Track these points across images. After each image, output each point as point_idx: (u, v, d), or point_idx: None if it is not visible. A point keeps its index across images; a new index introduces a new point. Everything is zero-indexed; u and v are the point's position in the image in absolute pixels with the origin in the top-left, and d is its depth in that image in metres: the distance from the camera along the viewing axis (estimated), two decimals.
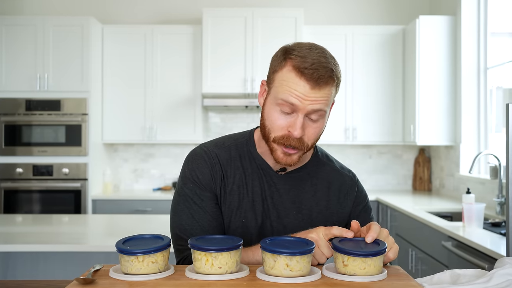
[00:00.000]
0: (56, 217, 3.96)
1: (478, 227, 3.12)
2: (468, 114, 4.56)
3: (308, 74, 1.30)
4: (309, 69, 1.30)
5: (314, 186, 1.51)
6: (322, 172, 1.53)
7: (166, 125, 5.18)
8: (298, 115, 1.33)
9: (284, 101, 1.32)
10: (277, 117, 1.35)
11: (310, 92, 1.30)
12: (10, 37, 4.91)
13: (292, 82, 1.31)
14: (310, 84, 1.30)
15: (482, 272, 1.26)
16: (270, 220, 1.46)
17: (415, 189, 5.42)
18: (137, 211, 4.83)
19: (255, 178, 1.47)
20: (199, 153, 1.48)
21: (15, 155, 4.86)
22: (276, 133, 1.36)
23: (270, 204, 1.46)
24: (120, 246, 1.21)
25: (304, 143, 1.37)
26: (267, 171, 1.48)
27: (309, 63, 1.30)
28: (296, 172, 1.50)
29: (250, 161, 1.48)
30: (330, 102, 1.37)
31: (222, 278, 1.17)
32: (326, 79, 1.31)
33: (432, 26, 4.79)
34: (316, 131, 1.38)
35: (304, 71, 1.30)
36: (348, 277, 1.17)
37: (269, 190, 1.47)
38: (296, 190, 1.49)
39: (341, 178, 1.55)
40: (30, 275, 2.92)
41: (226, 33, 4.93)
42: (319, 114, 1.35)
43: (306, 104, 1.31)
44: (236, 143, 1.52)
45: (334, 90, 1.36)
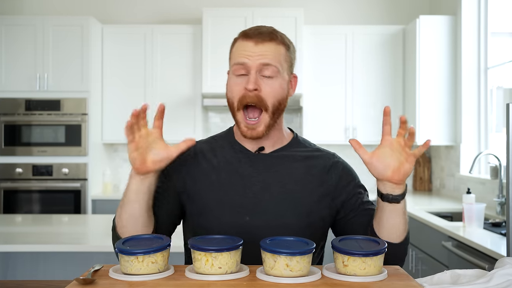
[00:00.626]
0: (56, 217, 3.96)
1: (478, 227, 3.12)
2: (468, 114, 4.56)
3: (251, 33, 1.44)
4: (252, 30, 1.45)
5: (295, 162, 1.52)
6: (303, 152, 1.56)
7: (166, 125, 5.02)
8: (250, 72, 1.42)
9: (236, 64, 1.44)
10: (234, 82, 1.45)
11: (255, 48, 1.42)
12: (10, 37, 4.90)
13: (240, 46, 1.45)
14: (254, 41, 1.42)
15: (483, 272, 1.26)
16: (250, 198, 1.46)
17: (416, 189, 5.41)
18: None
19: (234, 161, 1.51)
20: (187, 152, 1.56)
21: (15, 155, 4.86)
22: (236, 97, 1.44)
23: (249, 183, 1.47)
24: (120, 246, 1.21)
25: (262, 100, 1.42)
26: (245, 153, 1.52)
27: (254, 29, 1.46)
28: (276, 152, 1.52)
29: (230, 148, 1.54)
30: (281, 61, 1.44)
31: (222, 278, 1.17)
32: (268, 34, 1.44)
33: (432, 26, 4.78)
34: (273, 89, 1.43)
35: (248, 32, 1.45)
36: (348, 277, 1.17)
37: (247, 170, 1.49)
38: (276, 167, 1.50)
39: (322, 155, 1.58)
40: (30, 275, 2.92)
41: (226, 33, 4.87)
42: (271, 70, 1.42)
43: (254, 59, 1.41)
44: (217, 136, 1.62)
45: (283, 50, 1.46)
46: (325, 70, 5.17)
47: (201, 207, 1.47)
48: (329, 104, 5.16)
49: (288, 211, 1.45)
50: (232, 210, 1.45)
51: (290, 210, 1.45)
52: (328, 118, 5.16)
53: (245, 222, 1.43)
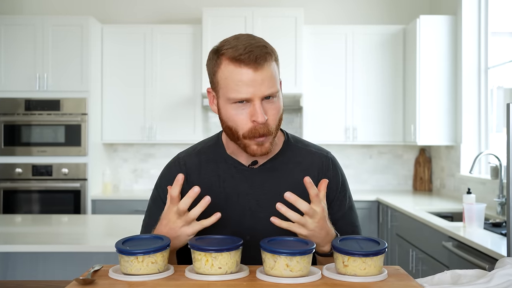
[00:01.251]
0: (55, 217, 3.95)
1: (478, 228, 3.11)
2: (468, 114, 4.55)
3: (246, 58, 1.30)
4: (244, 54, 1.30)
5: (290, 171, 1.48)
6: (297, 156, 1.51)
7: (166, 125, 5.17)
8: (255, 102, 1.32)
9: (236, 99, 1.33)
10: (236, 113, 1.35)
11: (255, 76, 1.30)
12: (9, 37, 4.90)
13: (235, 74, 1.31)
14: (252, 67, 1.30)
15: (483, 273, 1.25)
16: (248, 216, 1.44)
17: (416, 189, 5.41)
18: (137, 211, 4.82)
19: (228, 178, 1.47)
20: (168, 165, 1.56)
21: (15, 155, 4.85)
22: (243, 129, 1.36)
23: (245, 200, 1.45)
24: (119, 247, 1.20)
25: (269, 127, 1.35)
26: (239, 168, 1.47)
27: (242, 49, 1.31)
28: (269, 162, 1.48)
29: (221, 163, 1.49)
30: (277, 80, 1.37)
31: (222, 278, 1.16)
32: (263, 56, 1.31)
33: (432, 26, 4.78)
34: (275, 112, 1.37)
35: (241, 57, 1.30)
36: (349, 278, 1.16)
37: (242, 186, 1.46)
38: (271, 179, 1.47)
39: (316, 158, 1.52)
40: (29, 276, 2.91)
41: (226, 33, 4.84)
42: (274, 94, 1.35)
43: (258, 89, 1.31)
44: (206, 146, 1.54)
45: (276, 66, 1.37)
46: (325, 70, 5.16)
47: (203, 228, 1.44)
48: (329, 104, 5.16)
49: None
50: (232, 230, 1.41)
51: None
52: (328, 118, 5.15)
53: (246, 242, 1.37)
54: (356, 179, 5.49)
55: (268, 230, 1.39)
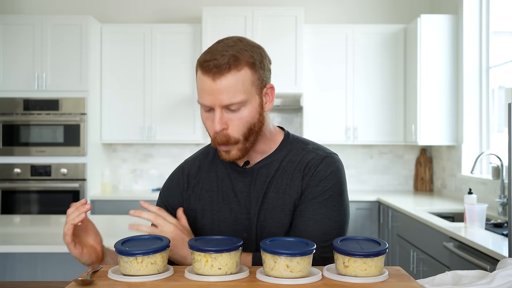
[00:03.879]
0: (54, 217, 3.94)
1: (480, 228, 3.11)
2: (470, 113, 4.54)
3: (206, 66, 1.30)
4: (208, 61, 1.30)
5: (280, 169, 1.46)
6: (292, 155, 1.48)
7: (166, 125, 5.16)
8: (215, 111, 1.34)
9: (201, 104, 1.36)
10: (205, 117, 1.39)
11: (213, 85, 1.30)
12: (8, 36, 4.89)
13: (199, 81, 1.34)
14: (211, 76, 1.30)
15: (484, 273, 1.25)
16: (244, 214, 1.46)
17: (417, 190, 5.40)
18: None
19: (225, 177, 1.50)
20: (174, 172, 1.61)
21: (13, 155, 4.84)
22: (210, 134, 1.40)
23: (241, 199, 1.46)
24: (119, 247, 1.20)
25: (229, 138, 1.36)
26: (234, 168, 1.50)
27: (209, 55, 1.31)
28: (262, 162, 1.48)
29: (219, 163, 1.53)
30: (246, 89, 1.33)
31: (221, 279, 1.16)
32: (225, 64, 1.29)
33: (433, 25, 4.77)
34: (240, 123, 1.35)
35: (204, 64, 1.31)
36: (349, 278, 1.16)
37: (238, 186, 1.48)
38: (262, 177, 1.47)
39: (309, 155, 1.47)
40: (28, 276, 2.91)
41: (226, 32, 4.84)
42: (236, 105, 1.33)
43: (216, 98, 1.31)
44: (207, 150, 1.59)
45: (248, 73, 1.33)
46: (325, 69, 5.15)
47: (199, 228, 1.49)
48: (329, 103, 5.15)
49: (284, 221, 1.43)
50: (230, 228, 1.46)
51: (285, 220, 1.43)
52: (328, 118, 5.14)
53: (243, 238, 1.42)
54: (356, 179, 5.48)
55: (264, 227, 1.44)
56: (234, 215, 1.46)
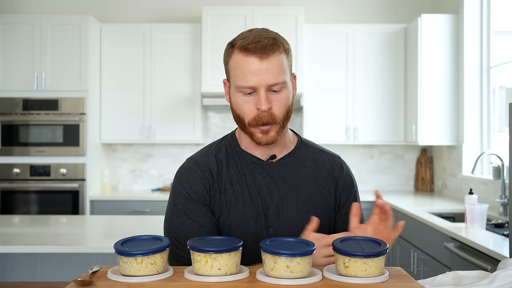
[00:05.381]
0: (53, 218, 3.94)
1: (480, 228, 3.10)
2: (470, 113, 4.53)
3: (253, 47, 1.36)
4: (252, 43, 1.36)
5: (306, 167, 1.53)
6: (311, 154, 1.57)
7: (165, 125, 5.15)
8: (260, 91, 1.37)
9: (243, 87, 1.38)
10: (243, 101, 1.40)
11: (260, 64, 1.36)
12: (8, 36, 4.88)
13: (242, 63, 1.37)
14: (258, 56, 1.36)
15: (485, 274, 1.25)
16: (272, 209, 1.47)
17: (417, 190, 5.39)
18: (136, 211, 4.80)
19: (247, 173, 1.49)
20: (188, 166, 1.52)
21: (12, 155, 4.83)
22: (248, 117, 1.41)
23: (268, 194, 1.47)
24: (118, 247, 1.20)
25: (275, 116, 1.40)
26: (257, 163, 1.50)
27: (251, 39, 1.37)
28: (286, 158, 1.53)
29: (239, 158, 1.52)
30: (286, 71, 1.40)
31: (221, 279, 1.15)
32: (271, 46, 1.37)
33: (434, 25, 4.76)
34: (283, 103, 1.41)
35: (248, 46, 1.36)
36: (349, 279, 1.16)
37: (263, 180, 1.48)
38: (290, 174, 1.51)
39: (330, 158, 1.59)
40: (27, 277, 2.90)
41: (226, 32, 4.88)
42: (280, 85, 1.39)
43: (262, 78, 1.36)
44: (220, 146, 1.56)
45: (285, 57, 1.41)
46: (325, 69, 5.14)
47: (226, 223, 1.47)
48: (329, 103, 5.14)
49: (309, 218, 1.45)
50: (256, 224, 1.46)
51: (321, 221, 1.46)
52: (328, 118, 5.13)
53: (268, 234, 1.45)
54: (357, 180, 5.37)
55: (292, 223, 1.46)
56: (263, 211, 1.46)
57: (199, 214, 1.45)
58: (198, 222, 1.44)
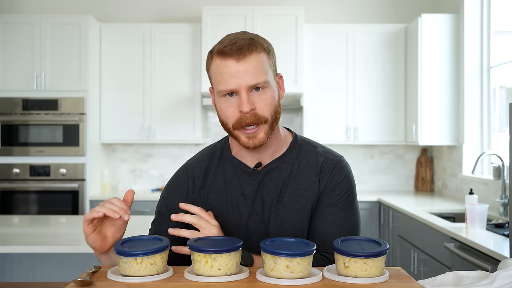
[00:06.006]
0: (53, 218, 3.93)
1: (481, 228, 3.10)
2: (471, 113, 4.53)
3: (229, 50, 1.33)
4: (228, 45, 1.34)
5: (293, 171, 1.48)
6: (302, 157, 1.51)
7: (165, 125, 5.15)
8: (241, 93, 1.35)
9: (224, 91, 1.36)
10: (226, 105, 1.38)
11: (238, 66, 1.33)
12: (7, 36, 4.88)
13: (221, 67, 1.35)
14: (235, 58, 1.33)
15: (485, 274, 1.25)
16: (254, 218, 1.46)
17: (417, 190, 5.39)
18: (136, 212, 4.80)
19: (234, 180, 1.48)
20: (176, 174, 1.57)
21: (12, 155, 4.83)
22: (232, 120, 1.38)
23: (251, 203, 1.46)
24: (118, 248, 1.19)
25: (259, 116, 1.37)
26: (244, 170, 1.49)
27: (227, 42, 1.36)
28: (273, 163, 1.49)
29: (228, 165, 1.51)
30: (267, 70, 1.37)
31: (221, 280, 1.15)
32: (247, 46, 1.34)
33: (434, 25, 4.75)
34: (267, 102, 1.38)
35: (225, 49, 1.34)
36: (350, 279, 1.15)
37: (247, 188, 1.47)
38: (274, 180, 1.47)
39: (323, 159, 1.50)
40: (27, 277, 2.90)
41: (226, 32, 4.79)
42: (261, 85, 1.36)
43: (242, 80, 1.33)
44: (212, 151, 1.56)
45: (265, 57, 1.38)
46: (325, 69, 5.14)
47: None
48: (329, 103, 5.14)
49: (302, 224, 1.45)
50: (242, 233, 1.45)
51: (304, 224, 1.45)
52: (329, 118, 5.13)
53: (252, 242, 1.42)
54: (357, 180, 5.46)
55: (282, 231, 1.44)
56: (245, 220, 1.45)
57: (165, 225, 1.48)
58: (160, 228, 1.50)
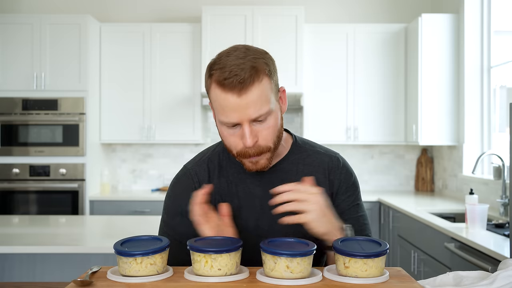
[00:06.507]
0: (53, 218, 3.93)
1: (481, 229, 3.09)
2: (471, 113, 4.53)
3: (229, 83, 1.26)
4: (228, 78, 1.26)
5: (300, 172, 1.48)
6: (305, 157, 1.51)
7: (165, 124, 5.14)
8: (243, 126, 1.31)
9: (225, 123, 1.32)
10: (229, 134, 1.35)
11: (240, 100, 1.27)
12: (7, 36, 4.87)
13: (221, 99, 1.29)
14: (236, 92, 1.26)
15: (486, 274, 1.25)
16: (263, 220, 1.45)
17: (418, 190, 5.38)
18: (136, 212, 4.79)
19: (239, 182, 1.47)
20: (179, 176, 1.53)
21: (12, 155, 4.82)
22: (235, 149, 1.37)
23: (259, 204, 1.45)
24: (118, 248, 1.19)
25: (262, 148, 1.35)
26: (248, 172, 1.46)
27: (228, 72, 1.27)
28: (279, 164, 1.48)
29: (231, 167, 1.49)
30: (269, 98, 1.32)
31: (221, 280, 1.15)
32: (249, 78, 1.27)
33: (434, 24, 4.75)
34: (269, 131, 1.35)
35: (225, 82, 1.27)
36: (350, 279, 1.15)
37: (255, 190, 1.46)
38: (281, 181, 1.45)
39: (326, 158, 1.52)
40: (27, 277, 2.89)
41: (226, 32, 4.89)
42: (264, 116, 1.32)
43: (244, 113, 1.29)
44: (213, 153, 1.53)
45: (267, 82, 1.31)
46: (326, 69, 5.14)
47: None
48: (330, 103, 5.13)
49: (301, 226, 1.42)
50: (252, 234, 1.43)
51: None
52: (329, 118, 5.12)
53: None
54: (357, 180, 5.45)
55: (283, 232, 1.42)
56: (254, 221, 1.44)
57: (181, 226, 1.45)
58: (179, 238, 1.43)
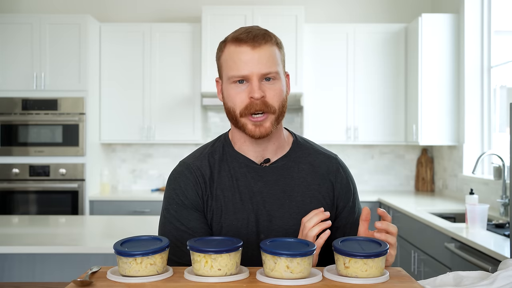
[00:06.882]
0: (53, 218, 3.93)
1: (481, 229, 3.09)
2: (471, 113, 4.52)
3: (244, 37, 1.37)
4: (244, 33, 1.38)
5: (301, 171, 1.49)
6: (307, 156, 1.53)
7: (165, 125, 5.14)
8: (252, 80, 1.37)
9: (235, 76, 1.38)
10: (236, 92, 1.39)
11: (252, 53, 1.36)
12: (6, 36, 4.87)
13: (235, 53, 1.38)
14: (250, 45, 1.36)
15: (486, 274, 1.25)
16: (263, 215, 1.44)
17: (418, 190, 5.38)
18: (135, 212, 4.79)
19: (240, 177, 1.46)
20: (180, 170, 1.49)
21: (11, 155, 4.82)
22: (240, 107, 1.39)
23: (260, 200, 1.45)
24: (118, 248, 1.19)
25: (269, 105, 1.38)
26: (251, 166, 1.47)
27: (243, 30, 1.40)
28: (280, 161, 1.49)
29: (232, 161, 1.48)
30: (278, 63, 1.40)
31: (221, 280, 1.15)
32: (262, 36, 1.38)
33: (435, 24, 4.75)
34: (277, 92, 1.39)
35: (240, 36, 1.38)
36: (350, 279, 1.15)
37: (256, 185, 1.45)
38: (284, 179, 1.47)
39: (326, 160, 1.54)
40: (26, 277, 2.89)
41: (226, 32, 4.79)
42: (273, 75, 1.38)
43: (255, 67, 1.36)
44: (213, 148, 1.52)
45: (277, 50, 1.41)
46: (326, 69, 5.13)
47: (218, 229, 1.45)
48: (330, 103, 5.13)
49: None
50: (247, 231, 1.43)
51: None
52: (329, 118, 5.12)
53: (259, 240, 1.42)
54: (357, 180, 5.45)
55: (284, 229, 1.43)
56: (254, 217, 1.44)
57: (192, 220, 1.43)
58: (191, 229, 1.42)
